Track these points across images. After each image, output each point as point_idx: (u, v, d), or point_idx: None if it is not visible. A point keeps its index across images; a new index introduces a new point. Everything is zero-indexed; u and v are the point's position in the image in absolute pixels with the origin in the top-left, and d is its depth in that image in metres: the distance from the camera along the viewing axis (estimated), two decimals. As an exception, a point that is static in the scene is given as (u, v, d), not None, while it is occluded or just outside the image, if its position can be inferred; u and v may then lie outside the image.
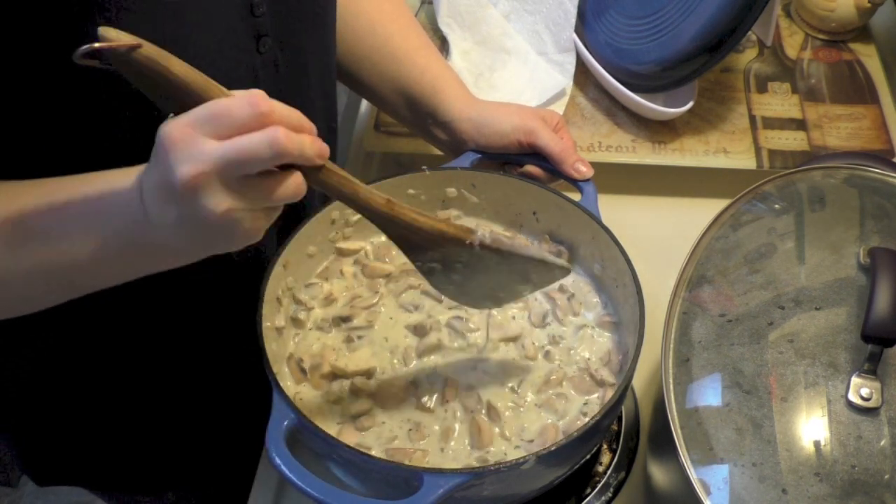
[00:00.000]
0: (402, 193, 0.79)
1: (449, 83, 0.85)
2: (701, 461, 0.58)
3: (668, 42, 0.93)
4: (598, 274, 0.77)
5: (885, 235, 0.66)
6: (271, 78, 0.69)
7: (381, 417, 0.68)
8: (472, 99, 0.85)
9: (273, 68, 0.69)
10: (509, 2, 1.08)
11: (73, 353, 0.80)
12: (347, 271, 0.79)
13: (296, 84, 0.73)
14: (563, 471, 0.66)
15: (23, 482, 1.78)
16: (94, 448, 0.89)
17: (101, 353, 0.80)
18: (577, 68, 1.04)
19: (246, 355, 0.68)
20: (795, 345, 0.61)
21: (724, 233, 0.70)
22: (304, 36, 0.73)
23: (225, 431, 0.93)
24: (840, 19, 1.07)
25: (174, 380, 0.86)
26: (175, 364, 0.84)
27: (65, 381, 0.82)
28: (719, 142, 0.97)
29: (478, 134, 0.82)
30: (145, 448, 0.90)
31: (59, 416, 0.85)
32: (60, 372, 0.81)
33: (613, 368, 0.71)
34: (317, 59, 0.76)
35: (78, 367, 0.81)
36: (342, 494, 0.57)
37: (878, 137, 0.97)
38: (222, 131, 0.47)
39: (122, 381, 0.83)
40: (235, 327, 0.71)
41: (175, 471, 0.94)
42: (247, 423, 0.81)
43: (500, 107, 0.84)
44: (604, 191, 0.78)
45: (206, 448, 0.94)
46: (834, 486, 0.56)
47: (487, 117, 0.82)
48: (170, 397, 0.87)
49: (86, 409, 0.84)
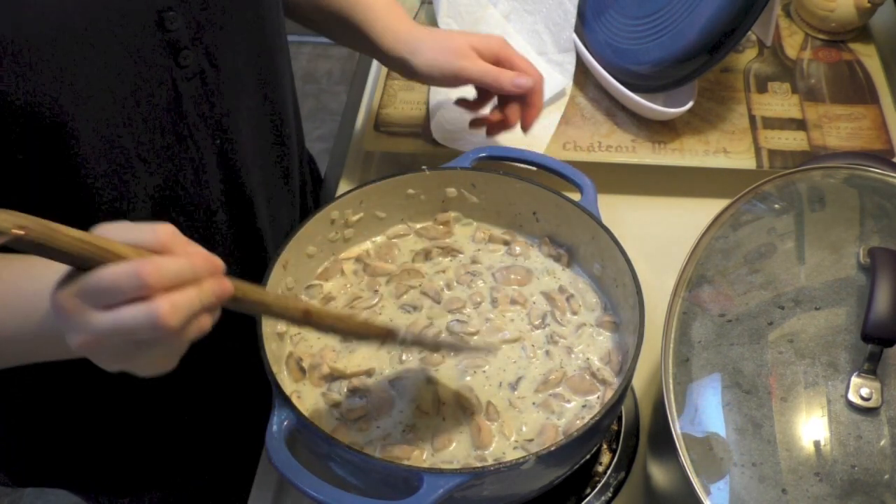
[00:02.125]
0: (402, 193, 0.79)
1: (378, 14, 0.86)
2: (701, 461, 0.58)
3: (668, 42, 0.93)
4: (597, 274, 0.77)
5: (885, 235, 0.66)
6: (195, 90, 0.67)
7: (379, 418, 0.68)
8: (401, 35, 0.86)
9: (199, 80, 0.67)
10: (509, 2, 1.08)
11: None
12: (348, 269, 0.79)
13: (229, 93, 0.71)
14: (562, 471, 0.66)
15: (23, 482, 1.78)
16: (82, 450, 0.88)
17: None
18: (577, 68, 1.04)
19: (245, 355, 0.68)
20: (795, 345, 0.61)
21: (724, 233, 0.70)
22: (236, 44, 0.70)
23: (225, 431, 0.92)
24: (840, 19, 1.07)
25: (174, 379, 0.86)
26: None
27: (58, 382, 0.81)
28: (719, 142, 0.97)
29: (410, 76, 0.86)
30: (143, 448, 0.90)
31: (52, 418, 0.85)
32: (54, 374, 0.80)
33: (613, 368, 0.71)
34: (255, 64, 0.74)
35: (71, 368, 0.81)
36: (342, 494, 0.57)
37: (878, 137, 0.97)
38: (108, 302, 0.46)
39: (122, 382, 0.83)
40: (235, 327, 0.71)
41: (173, 471, 0.94)
42: (247, 423, 0.81)
43: (427, 50, 0.84)
44: (604, 191, 0.78)
45: (206, 448, 0.94)
46: (834, 486, 0.56)
47: (415, 63, 0.84)
48: (169, 397, 0.87)
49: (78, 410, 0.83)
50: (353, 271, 0.79)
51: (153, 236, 0.47)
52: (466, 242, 0.82)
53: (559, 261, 0.79)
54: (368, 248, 0.81)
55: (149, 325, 0.46)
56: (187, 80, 0.66)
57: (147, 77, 0.63)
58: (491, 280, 0.78)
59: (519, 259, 0.80)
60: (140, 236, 0.47)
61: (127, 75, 0.62)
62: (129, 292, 0.46)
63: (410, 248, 0.81)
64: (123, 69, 0.62)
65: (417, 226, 0.82)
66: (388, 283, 0.78)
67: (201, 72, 0.67)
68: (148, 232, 0.47)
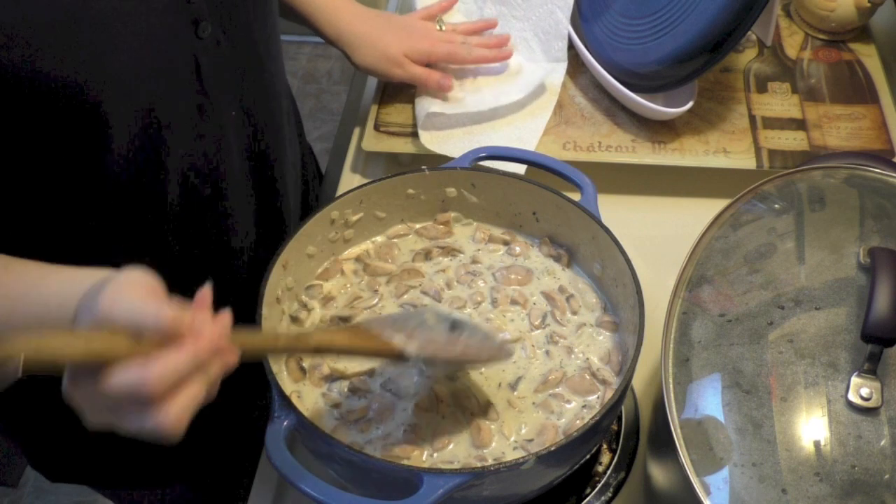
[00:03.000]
0: (402, 193, 0.79)
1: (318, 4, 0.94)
2: (701, 461, 0.58)
3: (668, 42, 0.93)
4: (597, 274, 0.77)
5: (885, 235, 0.66)
6: (213, 60, 0.70)
7: (379, 418, 0.68)
8: (342, 29, 0.95)
9: (216, 51, 0.70)
10: (496, 6, 1.07)
11: None
12: (348, 269, 0.79)
13: (241, 61, 0.74)
14: (562, 471, 0.66)
15: (23, 482, 1.78)
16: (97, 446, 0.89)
17: None
18: (577, 68, 1.04)
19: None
20: (795, 345, 0.61)
21: (724, 233, 0.70)
22: (246, 13, 0.73)
23: (225, 431, 0.93)
24: (840, 19, 1.07)
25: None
26: None
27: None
28: (719, 142, 0.97)
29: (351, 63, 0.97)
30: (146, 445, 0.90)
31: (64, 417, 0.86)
32: None
33: (613, 368, 0.71)
34: (260, 32, 0.77)
35: None
36: (342, 494, 0.57)
37: (878, 137, 0.97)
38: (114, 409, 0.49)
39: None
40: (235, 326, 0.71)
41: (177, 467, 0.95)
42: (247, 423, 0.81)
43: (364, 54, 0.96)
44: (604, 191, 0.77)
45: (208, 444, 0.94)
46: (834, 486, 0.56)
47: (353, 59, 0.97)
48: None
49: None
50: (353, 271, 0.79)
51: (156, 323, 0.48)
52: (466, 242, 0.82)
53: (559, 261, 0.79)
54: (368, 248, 0.81)
55: (150, 429, 0.48)
56: (205, 52, 0.69)
57: (172, 50, 0.66)
58: (491, 280, 0.78)
59: (519, 259, 0.80)
60: (144, 321, 0.48)
61: (156, 49, 0.64)
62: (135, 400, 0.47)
63: (410, 248, 0.81)
64: (153, 43, 0.64)
65: (417, 226, 0.82)
66: (388, 283, 0.78)
67: (217, 43, 0.69)
68: (151, 318, 0.48)
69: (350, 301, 0.76)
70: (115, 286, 0.50)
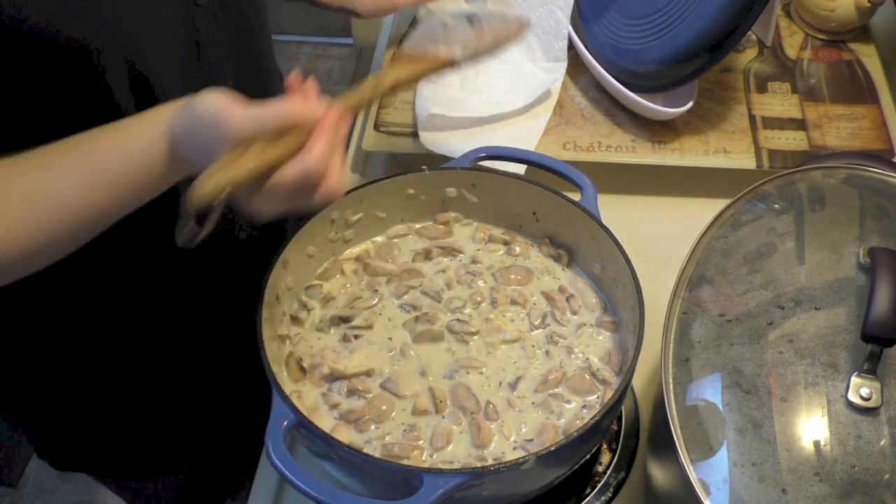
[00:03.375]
0: (402, 193, 0.79)
1: None
2: (701, 461, 0.58)
3: (668, 42, 0.93)
4: (597, 274, 0.77)
5: (885, 235, 0.66)
6: (212, 29, 0.71)
7: (379, 418, 0.68)
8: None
9: (213, 18, 0.71)
10: (495, 5, 1.07)
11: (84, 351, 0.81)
12: (348, 269, 0.79)
13: (236, 30, 0.75)
14: (562, 471, 0.66)
15: (23, 482, 1.78)
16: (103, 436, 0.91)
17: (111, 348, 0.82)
18: (577, 68, 1.04)
19: (246, 353, 0.68)
20: (795, 345, 0.61)
21: (724, 233, 0.70)
22: None
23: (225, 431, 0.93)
24: (840, 19, 1.07)
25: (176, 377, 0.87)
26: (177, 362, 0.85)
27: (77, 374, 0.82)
28: (719, 142, 0.97)
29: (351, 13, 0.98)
30: (149, 437, 0.91)
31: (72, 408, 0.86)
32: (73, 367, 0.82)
33: (613, 368, 0.71)
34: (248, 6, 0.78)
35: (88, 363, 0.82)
36: (341, 494, 0.57)
37: (878, 137, 0.97)
38: None
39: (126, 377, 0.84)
40: (235, 327, 0.71)
41: (179, 458, 0.96)
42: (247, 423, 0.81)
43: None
44: (604, 191, 0.77)
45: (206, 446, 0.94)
46: (834, 486, 0.56)
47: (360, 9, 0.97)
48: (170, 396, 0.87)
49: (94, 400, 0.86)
50: (353, 271, 0.79)
51: (309, 116, 0.56)
52: (466, 242, 0.82)
53: (559, 261, 0.79)
54: (368, 248, 0.81)
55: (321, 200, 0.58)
56: (204, 19, 0.70)
57: (174, 16, 0.67)
58: (491, 280, 0.78)
59: (519, 259, 0.80)
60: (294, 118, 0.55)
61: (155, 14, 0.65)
62: (308, 183, 0.56)
63: (410, 248, 0.81)
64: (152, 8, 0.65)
65: (417, 226, 0.82)
66: (388, 283, 0.78)
67: (214, 10, 0.71)
68: (301, 114, 0.56)
69: (350, 301, 0.76)
70: (223, 108, 0.54)
